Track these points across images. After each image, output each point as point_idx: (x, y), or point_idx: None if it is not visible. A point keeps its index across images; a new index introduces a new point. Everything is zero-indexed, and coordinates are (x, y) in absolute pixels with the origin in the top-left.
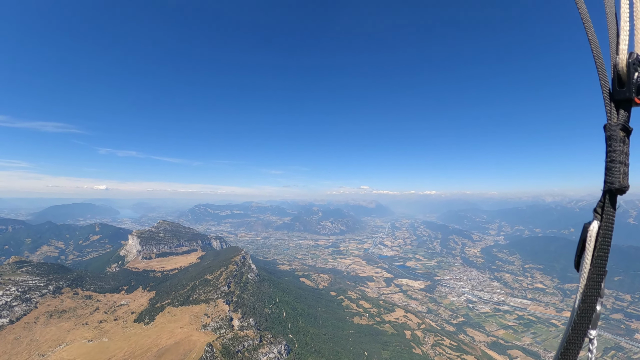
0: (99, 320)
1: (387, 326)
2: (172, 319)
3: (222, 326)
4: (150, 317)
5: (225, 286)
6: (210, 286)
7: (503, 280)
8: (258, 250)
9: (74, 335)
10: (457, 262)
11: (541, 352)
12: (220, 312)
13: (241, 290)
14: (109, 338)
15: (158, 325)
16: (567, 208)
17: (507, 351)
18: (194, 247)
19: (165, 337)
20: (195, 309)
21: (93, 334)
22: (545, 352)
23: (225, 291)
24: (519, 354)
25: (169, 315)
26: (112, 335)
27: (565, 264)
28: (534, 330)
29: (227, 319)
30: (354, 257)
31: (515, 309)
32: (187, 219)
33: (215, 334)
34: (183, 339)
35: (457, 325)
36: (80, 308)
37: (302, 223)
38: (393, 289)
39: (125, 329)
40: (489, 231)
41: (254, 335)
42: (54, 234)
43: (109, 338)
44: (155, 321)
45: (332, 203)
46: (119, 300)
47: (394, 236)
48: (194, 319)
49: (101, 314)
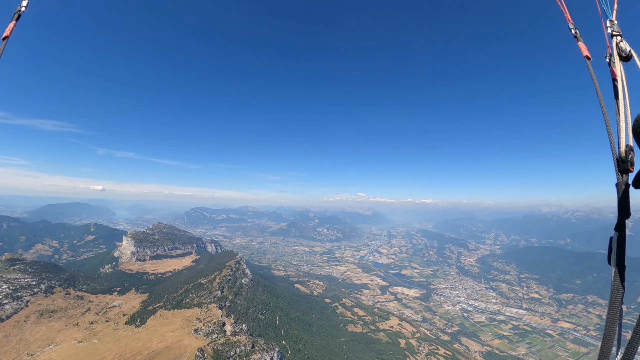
0: (90, 321)
1: (382, 334)
2: (164, 323)
3: (214, 331)
4: (141, 319)
5: (218, 290)
6: (204, 290)
7: (499, 289)
8: (253, 255)
9: (64, 336)
10: (453, 271)
11: None
12: (212, 316)
13: (235, 295)
14: (99, 340)
15: (149, 328)
16: (564, 218)
17: None
18: (188, 250)
19: (156, 341)
20: (188, 313)
21: (83, 335)
22: None
23: (219, 296)
24: None
25: (161, 319)
26: (103, 337)
27: (561, 275)
28: (529, 340)
29: (219, 324)
30: (349, 264)
31: (510, 318)
32: (182, 222)
33: (207, 338)
34: (174, 343)
35: (452, 335)
36: (72, 308)
37: (298, 229)
38: (388, 297)
39: (116, 331)
40: (485, 240)
41: (246, 341)
42: (48, 232)
43: (99, 340)
44: (146, 324)
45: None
46: (111, 302)
47: (390, 244)
48: (186, 323)
49: (92, 314)
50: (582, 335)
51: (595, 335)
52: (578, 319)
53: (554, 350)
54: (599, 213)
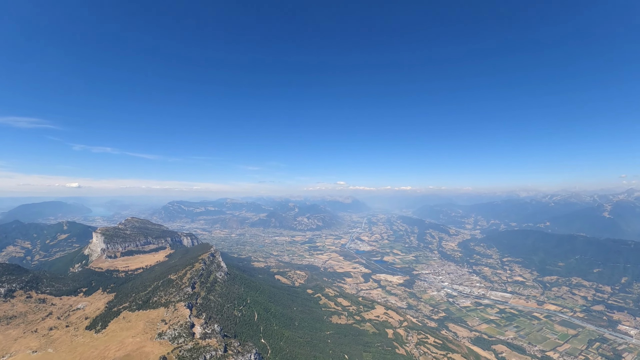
0: (49, 327)
1: (368, 325)
2: (126, 326)
3: (181, 334)
4: (103, 323)
5: (189, 287)
6: (173, 287)
7: (482, 274)
8: (232, 247)
9: (20, 345)
10: (435, 256)
11: (526, 346)
12: (179, 317)
13: (207, 292)
14: (54, 349)
15: (109, 334)
16: (542, 202)
17: (492, 346)
18: (162, 244)
19: (114, 349)
20: (153, 314)
21: (39, 344)
22: (530, 346)
23: (189, 293)
24: (504, 349)
25: (123, 322)
26: (59, 345)
27: (544, 257)
28: (516, 324)
29: (187, 326)
30: (330, 252)
31: (496, 302)
32: (160, 216)
33: (172, 344)
34: (134, 351)
35: (439, 321)
36: (32, 313)
37: (278, 219)
38: (372, 285)
39: (75, 338)
40: (465, 225)
41: (217, 344)
42: (20, 233)
43: (54, 349)
44: (107, 328)
45: (309, 199)
46: (75, 304)
47: (371, 231)
48: (149, 326)
49: (54, 319)
50: (568, 317)
51: (582, 317)
52: (563, 301)
53: (542, 333)
54: (577, 197)
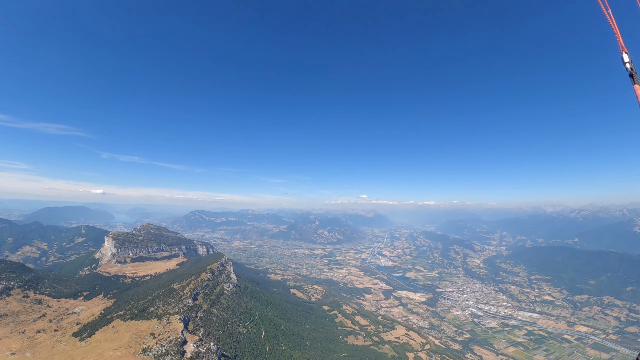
0: (37, 330)
1: (387, 347)
2: (111, 337)
3: (169, 352)
4: (91, 331)
5: (189, 298)
6: (173, 297)
7: (509, 292)
8: (251, 258)
9: (2, 345)
10: (459, 274)
11: None
12: (170, 332)
13: (211, 304)
14: (32, 354)
15: (92, 344)
16: (570, 218)
17: None
18: (175, 252)
19: None
20: (143, 326)
21: (20, 346)
22: None
23: (189, 305)
24: None
25: (111, 332)
26: (39, 351)
27: (573, 275)
28: (546, 347)
29: (177, 343)
30: (350, 267)
31: (524, 323)
32: (181, 225)
33: None
34: None
35: (463, 343)
36: (25, 313)
37: (299, 231)
38: (392, 302)
39: (57, 344)
40: (490, 241)
41: None
42: (38, 234)
43: (32, 354)
44: (92, 337)
45: (330, 212)
46: (72, 308)
47: (393, 246)
48: (136, 339)
49: (45, 322)
50: (601, 339)
51: (616, 339)
52: (595, 322)
53: (573, 358)
54: (606, 211)
